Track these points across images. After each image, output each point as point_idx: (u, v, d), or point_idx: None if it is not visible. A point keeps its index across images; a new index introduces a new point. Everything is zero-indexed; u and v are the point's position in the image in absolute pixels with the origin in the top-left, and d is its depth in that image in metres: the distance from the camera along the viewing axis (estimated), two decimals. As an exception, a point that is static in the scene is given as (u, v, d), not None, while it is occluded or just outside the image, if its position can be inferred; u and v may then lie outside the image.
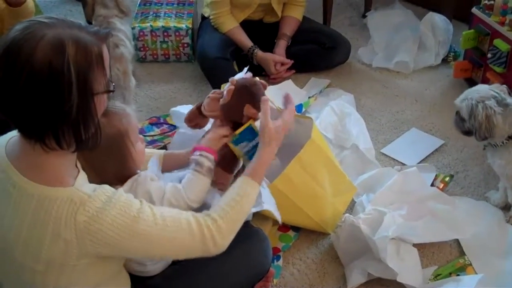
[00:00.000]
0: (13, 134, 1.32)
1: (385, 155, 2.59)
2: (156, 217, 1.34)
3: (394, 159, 2.56)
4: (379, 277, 1.92)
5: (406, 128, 2.77)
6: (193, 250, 1.40)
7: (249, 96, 1.63)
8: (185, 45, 3.30)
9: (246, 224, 1.89)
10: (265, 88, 1.70)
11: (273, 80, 3.01)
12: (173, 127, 2.78)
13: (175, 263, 1.67)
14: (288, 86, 2.95)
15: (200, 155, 1.60)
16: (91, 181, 1.38)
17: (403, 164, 2.51)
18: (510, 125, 2.00)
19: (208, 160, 1.59)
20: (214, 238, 1.39)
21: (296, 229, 2.20)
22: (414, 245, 2.01)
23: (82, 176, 1.35)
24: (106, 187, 1.31)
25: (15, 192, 1.27)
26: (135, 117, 1.61)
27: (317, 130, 2.07)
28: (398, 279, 1.86)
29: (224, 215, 1.42)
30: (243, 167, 1.71)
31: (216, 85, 2.80)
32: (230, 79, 1.69)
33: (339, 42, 3.12)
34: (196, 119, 1.79)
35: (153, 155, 1.74)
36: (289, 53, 3.07)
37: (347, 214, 2.03)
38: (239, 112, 1.64)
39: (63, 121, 1.19)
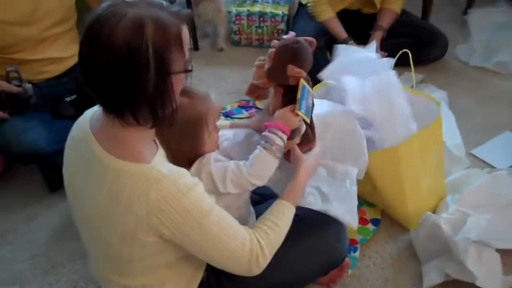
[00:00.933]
0: (98, 107, 1.36)
1: (475, 156, 2.52)
2: (223, 220, 1.38)
3: (484, 161, 2.49)
4: (456, 279, 1.87)
5: (500, 131, 2.67)
6: (238, 263, 1.42)
7: (290, 55, 1.56)
8: (280, 31, 3.32)
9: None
10: (312, 44, 1.63)
11: None
12: (260, 110, 2.82)
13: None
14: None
15: (269, 131, 1.56)
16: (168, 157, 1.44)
17: (493, 167, 2.43)
18: None
19: (277, 137, 1.55)
20: (258, 260, 1.42)
21: (375, 222, 2.19)
22: (497, 250, 1.93)
23: (161, 154, 1.39)
24: (187, 173, 1.35)
25: (95, 164, 1.33)
26: (218, 106, 1.61)
27: (441, 117, 2.04)
28: (477, 283, 1.81)
29: (267, 238, 1.45)
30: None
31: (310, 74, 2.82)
32: (272, 43, 1.64)
33: (437, 38, 3.05)
34: (256, 90, 1.75)
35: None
36: (383, 46, 3.02)
37: (428, 212, 1.99)
38: (283, 74, 1.57)
39: (141, 98, 1.23)
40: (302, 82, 1.56)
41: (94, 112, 1.40)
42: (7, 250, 2.21)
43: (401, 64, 3.01)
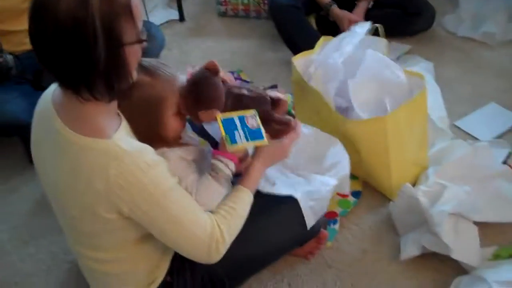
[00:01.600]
0: None
1: (458, 128, 2.50)
2: (184, 202, 1.37)
3: (467, 133, 2.48)
4: (433, 252, 1.88)
5: (485, 102, 2.65)
6: (198, 248, 1.41)
7: (194, 105, 1.51)
8: (266, 1, 3.27)
9: None
10: (214, 67, 1.55)
11: None
12: (247, 83, 2.80)
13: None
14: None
15: (216, 159, 1.53)
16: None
17: (476, 139, 2.42)
18: None
19: (224, 165, 1.52)
20: (218, 245, 1.41)
21: (356, 195, 2.19)
22: (475, 223, 1.93)
23: (124, 128, 1.37)
24: (150, 150, 1.33)
25: (57, 139, 1.31)
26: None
27: (426, 90, 2.04)
28: (453, 256, 1.82)
29: (226, 222, 1.44)
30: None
31: (286, 35, 2.79)
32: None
33: (423, 8, 3.01)
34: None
35: None
36: (369, 16, 2.98)
37: (406, 184, 1.98)
38: (205, 118, 1.53)
39: (94, 72, 1.20)
40: (220, 117, 1.50)
41: (57, 86, 1.36)
42: (-13, 222, 2.21)
43: (387, 35, 3.01)
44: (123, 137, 1.33)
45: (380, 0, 3.02)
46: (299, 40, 2.79)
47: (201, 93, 1.51)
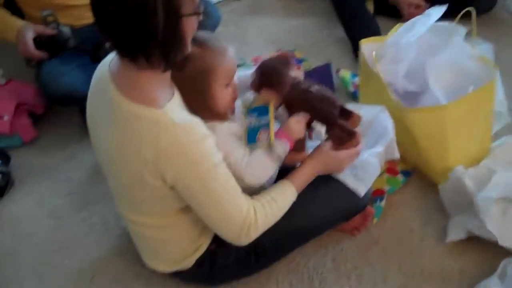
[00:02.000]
0: None
1: (518, 111, 2.43)
2: (226, 180, 1.40)
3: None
4: (479, 236, 1.84)
5: (547, 87, 2.56)
6: (229, 228, 1.45)
7: (263, 83, 1.62)
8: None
9: None
10: (285, 58, 1.67)
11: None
12: (300, 61, 2.80)
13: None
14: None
15: (276, 139, 1.57)
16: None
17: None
18: None
19: (280, 146, 1.57)
20: (250, 230, 1.45)
21: (406, 174, 2.16)
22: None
23: (177, 100, 1.41)
24: (200, 124, 1.36)
25: (111, 106, 1.36)
26: (235, 61, 1.57)
27: (496, 82, 1.99)
28: (500, 243, 1.77)
29: (263, 211, 1.48)
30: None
31: (346, 22, 2.78)
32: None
33: (486, -12, 2.93)
34: None
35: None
36: (428, -3, 2.94)
37: (458, 167, 1.94)
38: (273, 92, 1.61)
39: (152, 41, 1.24)
40: (271, 105, 1.58)
41: (115, 55, 1.42)
42: (46, 185, 2.30)
43: (446, 16, 2.92)
44: (175, 108, 1.36)
45: (440, -20, 2.95)
46: (357, 29, 2.77)
47: (266, 72, 1.62)
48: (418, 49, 2.05)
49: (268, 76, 1.62)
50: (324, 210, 1.72)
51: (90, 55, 2.41)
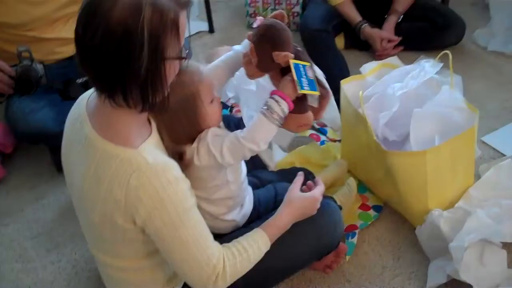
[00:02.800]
0: None
1: (485, 143, 2.46)
2: (196, 226, 1.38)
3: (495, 149, 2.43)
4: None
5: (514, 118, 2.60)
6: (197, 276, 1.41)
7: (269, 44, 1.53)
8: (295, 14, 3.29)
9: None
10: (283, 18, 1.61)
11: (379, 56, 2.94)
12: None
13: (245, 226, 1.73)
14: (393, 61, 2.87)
15: (271, 97, 1.52)
16: (165, 141, 1.45)
17: (503, 155, 2.37)
18: None
19: (278, 106, 1.51)
20: (217, 280, 1.42)
21: (377, 209, 2.16)
22: (504, 244, 1.86)
23: (153, 140, 1.39)
24: (174, 166, 1.34)
25: (85, 143, 1.35)
26: (211, 75, 1.57)
27: (476, 128, 1.99)
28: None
29: (233, 260, 1.45)
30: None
31: (315, 57, 2.78)
32: (247, 35, 1.60)
33: (453, 22, 2.98)
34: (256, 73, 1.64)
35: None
36: (398, 29, 2.98)
37: (434, 210, 1.93)
38: (272, 63, 1.54)
39: (132, 80, 1.23)
40: (292, 62, 1.52)
41: (92, 92, 1.41)
42: (13, 228, 2.25)
43: (416, 49, 2.98)
44: (150, 148, 1.34)
45: (409, 13, 3.00)
46: (330, 66, 2.78)
47: (276, 32, 1.54)
48: (403, 100, 2.04)
49: (279, 38, 1.54)
50: (298, 249, 1.69)
51: (60, 92, 2.39)
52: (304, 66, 1.56)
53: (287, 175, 1.96)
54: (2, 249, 2.16)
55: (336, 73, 2.56)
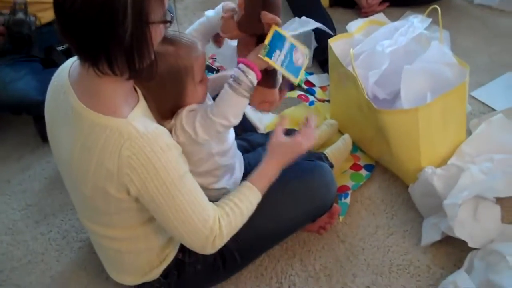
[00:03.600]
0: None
1: (474, 98, 2.44)
2: (192, 191, 1.36)
3: (484, 103, 2.41)
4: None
5: (502, 71, 2.58)
6: (195, 238, 1.40)
7: (261, 2, 1.45)
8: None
9: (310, 156, 1.91)
10: None
11: (365, 13, 2.89)
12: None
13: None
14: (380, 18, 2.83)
15: (239, 68, 1.46)
16: (152, 112, 1.41)
17: (493, 109, 2.36)
18: None
19: (245, 76, 1.44)
20: (215, 240, 1.41)
21: (369, 168, 2.15)
22: (498, 199, 1.86)
23: (141, 108, 1.36)
24: (165, 134, 1.32)
25: (71, 115, 1.31)
26: (205, 54, 1.54)
27: (467, 83, 1.95)
28: (471, 245, 1.76)
29: (227, 219, 1.43)
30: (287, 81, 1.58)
31: (300, 16, 2.73)
32: None
33: (439, -25, 2.93)
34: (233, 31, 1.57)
35: None
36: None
37: (427, 167, 1.91)
38: (256, 23, 1.46)
39: (117, 46, 1.19)
40: (275, 28, 1.46)
41: (74, 60, 1.37)
42: (1, 200, 2.21)
43: (402, 4, 2.93)
44: (138, 117, 1.31)
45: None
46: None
47: (270, 3, 1.45)
48: (393, 57, 2.00)
49: (260, 5, 1.46)
50: (291, 212, 1.69)
51: (41, 60, 2.33)
52: (293, 46, 1.49)
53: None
54: (-10, 222, 2.13)
55: (322, 31, 2.51)
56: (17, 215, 2.14)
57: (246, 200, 1.50)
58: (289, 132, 1.82)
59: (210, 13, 1.66)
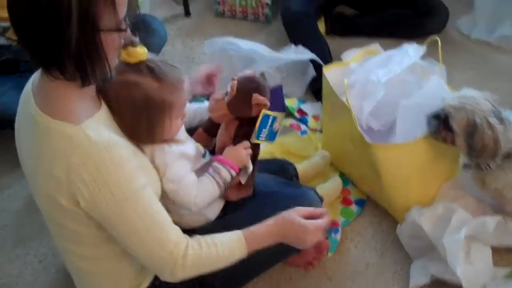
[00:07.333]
0: None
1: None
2: (147, 209, 1.29)
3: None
4: (441, 279, 1.76)
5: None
6: (153, 264, 1.35)
7: (254, 86, 1.59)
8: (265, 5, 3.17)
9: (298, 184, 1.87)
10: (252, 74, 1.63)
11: None
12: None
13: (219, 217, 1.64)
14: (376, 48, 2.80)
15: (219, 163, 1.55)
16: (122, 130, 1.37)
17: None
18: (507, 142, 1.69)
19: (227, 171, 1.55)
20: (176, 268, 1.33)
21: (360, 203, 2.09)
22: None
23: (100, 118, 1.30)
24: (120, 145, 1.25)
25: (29, 121, 1.27)
26: (189, 92, 1.54)
27: None
28: (464, 285, 1.68)
29: (198, 251, 1.36)
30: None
31: (296, 41, 2.70)
32: (231, 78, 1.62)
33: (437, 9, 2.91)
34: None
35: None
36: (380, 17, 2.90)
37: (414, 207, 1.85)
38: (246, 105, 1.58)
39: (64, 52, 1.15)
40: (264, 112, 1.57)
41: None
42: (-23, 219, 2.13)
43: (399, 36, 2.90)
44: (94, 125, 1.25)
45: (391, 0, 2.92)
46: (312, 50, 2.68)
47: (263, 83, 1.61)
48: (388, 87, 1.95)
49: (257, 82, 1.60)
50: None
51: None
52: (274, 118, 1.61)
53: (267, 165, 1.89)
54: (-35, 242, 2.05)
55: (319, 58, 2.47)
56: (-7, 235, 2.06)
57: (229, 246, 1.41)
58: (280, 161, 1.77)
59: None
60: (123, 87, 1.36)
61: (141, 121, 1.40)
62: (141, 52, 1.37)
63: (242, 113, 1.61)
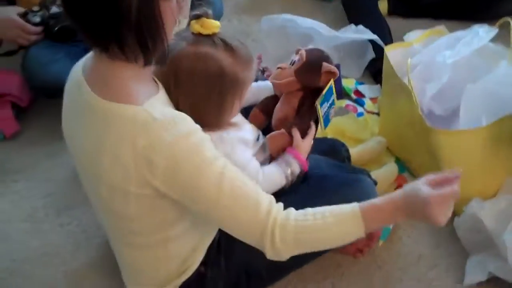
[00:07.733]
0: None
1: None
2: (234, 176, 1.21)
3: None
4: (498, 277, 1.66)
5: None
6: (248, 235, 1.24)
7: (324, 55, 1.61)
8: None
9: (353, 170, 1.80)
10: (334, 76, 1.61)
11: None
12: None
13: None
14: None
15: (293, 157, 1.51)
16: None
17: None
18: None
19: (298, 167, 1.51)
20: (274, 238, 1.20)
21: (416, 191, 1.98)
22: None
23: (160, 98, 1.24)
24: (185, 120, 1.19)
25: (83, 107, 1.21)
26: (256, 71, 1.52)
27: None
28: None
29: (302, 222, 1.21)
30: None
31: (355, 22, 2.59)
32: (296, 49, 1.64)
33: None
34: (260, 116, 1.68)
35: None
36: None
37: (474, 200, 1.74)
38: (314, 74, 1.58)
39: (124, 24, 1.10)
40: (332, 83, 1.57)
41: (86, 57, 1.28)
42: (24, 186, 2.13)
43: (468, 18, 2.74)
44: (156, 105, 1.19)
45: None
46: (372, 31, 2.58)
47: (330, 59, 1.62)
48: (454, 70, 1.83)
49: (326, 55, 1.62)
50: None
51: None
52: (332, 94, 1.62)
53: (317, 144, 1.80)
54: (10, 207, 2.05)
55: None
56: (38, 202, 2.05)
57: (342, 225, 1.23)
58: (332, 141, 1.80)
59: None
60: (198, 59, 1.32)
61: (211, 98, 1.35)
62: (215, 24, 1.33)
63: (309, 81, 1.59)
